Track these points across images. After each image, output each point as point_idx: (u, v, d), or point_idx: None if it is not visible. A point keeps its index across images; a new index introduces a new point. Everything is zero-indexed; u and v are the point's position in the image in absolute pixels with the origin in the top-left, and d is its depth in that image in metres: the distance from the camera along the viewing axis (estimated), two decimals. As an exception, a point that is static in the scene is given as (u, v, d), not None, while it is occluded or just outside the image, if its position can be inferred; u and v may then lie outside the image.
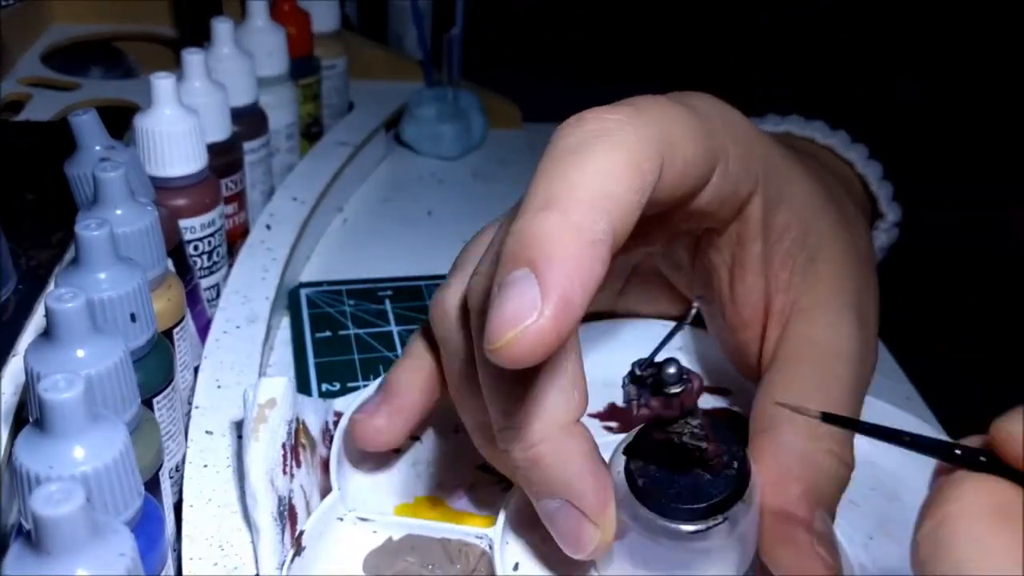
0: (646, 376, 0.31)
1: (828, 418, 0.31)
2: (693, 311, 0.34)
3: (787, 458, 0.35)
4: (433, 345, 0.38)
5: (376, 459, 0.42)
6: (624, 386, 0.32)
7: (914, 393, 0.49)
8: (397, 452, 0.42)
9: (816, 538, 0.34)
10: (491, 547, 0.37)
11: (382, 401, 0.38)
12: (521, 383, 0.33)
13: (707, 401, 0.46)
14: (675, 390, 0.31)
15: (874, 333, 0.41)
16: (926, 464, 0.42)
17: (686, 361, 0.48)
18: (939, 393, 0.49)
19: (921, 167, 0.55)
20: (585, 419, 0.43)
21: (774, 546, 0.34)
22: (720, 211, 0.37)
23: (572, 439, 0.33)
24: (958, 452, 0.26)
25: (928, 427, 0.43)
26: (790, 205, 0.39)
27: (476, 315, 0.34)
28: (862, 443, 0.36)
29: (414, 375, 0.39)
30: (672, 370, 0.31)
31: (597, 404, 0.45)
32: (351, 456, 0.41)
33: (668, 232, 0.39)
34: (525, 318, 0.28)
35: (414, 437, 0.42)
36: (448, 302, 0.36)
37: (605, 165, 0.30)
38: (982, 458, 0.25)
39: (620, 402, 0.45)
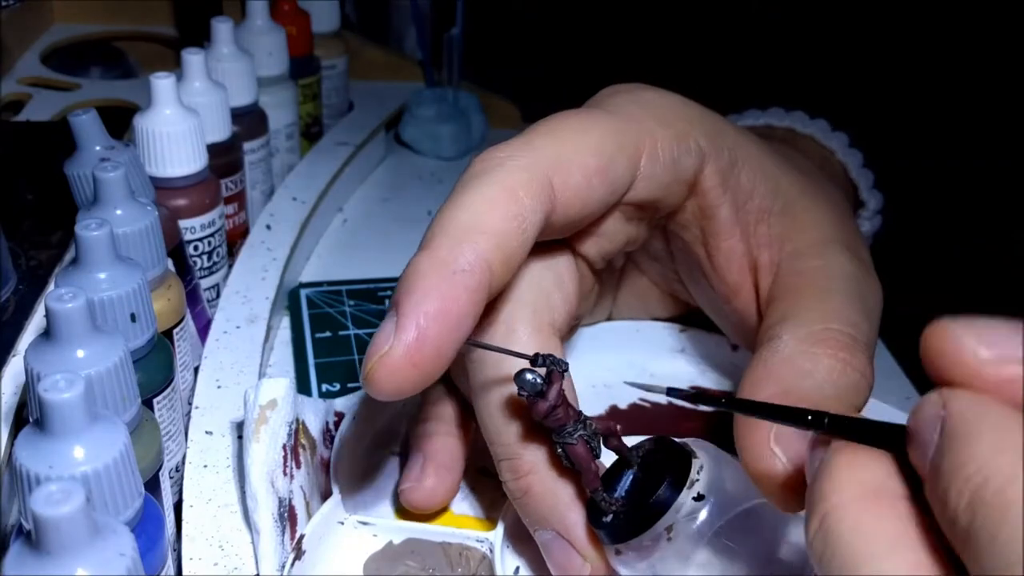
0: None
1: (672, 392, 0.31)
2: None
3: (772, 360, 0.35)
4: (448, 390, 0.39)
5: (377, 463, 0.41)
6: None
7: (914, 393, 0.49)
8: (397, 455, 0.42)
9: (774, 437, 0.32)
10: (492, 551, 0.37)
11: (424, 462, 0.38)
12: (508, 421, 0.34)
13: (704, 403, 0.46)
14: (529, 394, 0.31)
15: (871, 268, 0.40)
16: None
17: (686, 362, 0.48)
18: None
19: (925, 168, 0.55)
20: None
21: (737, 442, 0.33)
22: (668, 195, 0.37)
23: (561, 470, 0.34)
24: (810, 418, 0.26)
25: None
26: (750, 164, 0.39)
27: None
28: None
29: (440, 426, 0.38)
30: (529, 376, 0.31)
31: (598, 407, 0.45)
32: (352, 460, 0.40)
33: (641, 227, 0.39)
34: (380, 350, 0.29)
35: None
36: None
37: (475, 200, 0.32)
38: (825, 420, 0.26)
39: (621, 404, 0.46)
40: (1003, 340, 0.22)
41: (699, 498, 0.32)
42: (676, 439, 0.33)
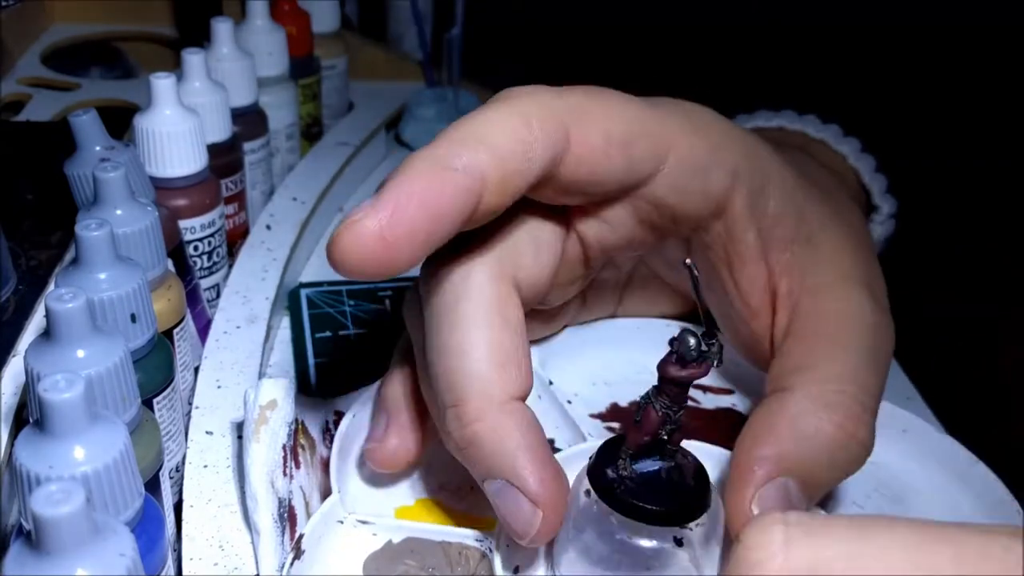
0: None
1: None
2: (693, 273, 0.33)
3: (777, 417, 0.35)
4: (420, 351, 0.38)
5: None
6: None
7: (914, 393, 0.49)
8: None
9: (757, 499, 0.33)
10: (492, 551, 0.37)
11: (388, 422, 0.38)
12: (458, 360, 0.33)
13: (710, 400, 0.46)
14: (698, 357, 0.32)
15: (886, 308, 0.40)
16: (931, 465, 0.43)
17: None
18: (939, 393, 0.49)
19: (928, 170, 0.55)
20: (587, 419, 0.44)
21: (724, 499, 0.34)
22: (686, 202, 0.37)
23: (509, 417, 0.33)
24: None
25: (929, 427, 0.43)
26: (779, 191, 0.39)
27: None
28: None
29: (404, 387, 0.38)
30: (692, 340, 0.32)
31: (599, 404, 0.45)
32: (351, 458, 0.40)
33: (651, 232, 0.39)
34: (352, 218, 0.30)
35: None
36: (410, 294, 0.38)
37: (487, 116, 0.32)
38: None
39: (622, 402, 0.46)
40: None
41: (679, 543, 0.32)
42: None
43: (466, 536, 0.37)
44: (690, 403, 0.46)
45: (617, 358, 0.47)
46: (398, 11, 0.85)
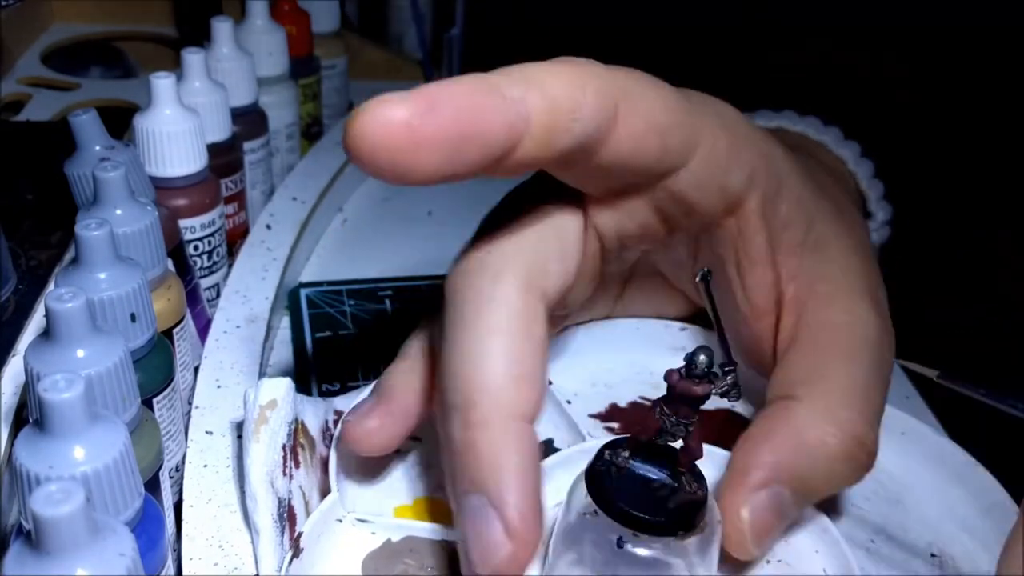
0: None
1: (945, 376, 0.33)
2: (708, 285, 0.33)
3: (779, 427, 0.35)
4: (428, 347, 0.37)
5: (376, 460, 0.41)
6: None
7: (913, 392, 0.49)
8: (397, 453, 0.42)
9: (748, 505, 0.33)
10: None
11: (376, 403, 0.37)
12: (474, 364, 0.32)
13: (708, 403, 0.46)
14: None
15: (888, 318, 0.40)
16: (930, 467, 0.43)
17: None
18: (939, 393, 0.49)
19: (926, 176, 0.55)
20: (586, 419, 0.44)
21: (720, 495, 0.34)
22: (703, 199, 0.36)
23: (512, 435, 0.32)
24: None
25: (928, 427, 0.43)
26: (791, 196, 0.39)
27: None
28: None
29: (408, 377, 0.37)
30: (703, 357, 0.32)
31: (598, 405, 0.45)
32: (351, 457, 0.40)
33: (664, 224, 0.39)
34: (382, 99, 0.27)
35: (415, 438, 0.42)
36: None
37: (545, 67, 0.31)
38: None
39: (621, 403, 0.46)
40: None
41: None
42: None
43: (466, 536, 0.37)
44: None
45: (617, 359, 0.47)
46: (398, 11, 0.85)
